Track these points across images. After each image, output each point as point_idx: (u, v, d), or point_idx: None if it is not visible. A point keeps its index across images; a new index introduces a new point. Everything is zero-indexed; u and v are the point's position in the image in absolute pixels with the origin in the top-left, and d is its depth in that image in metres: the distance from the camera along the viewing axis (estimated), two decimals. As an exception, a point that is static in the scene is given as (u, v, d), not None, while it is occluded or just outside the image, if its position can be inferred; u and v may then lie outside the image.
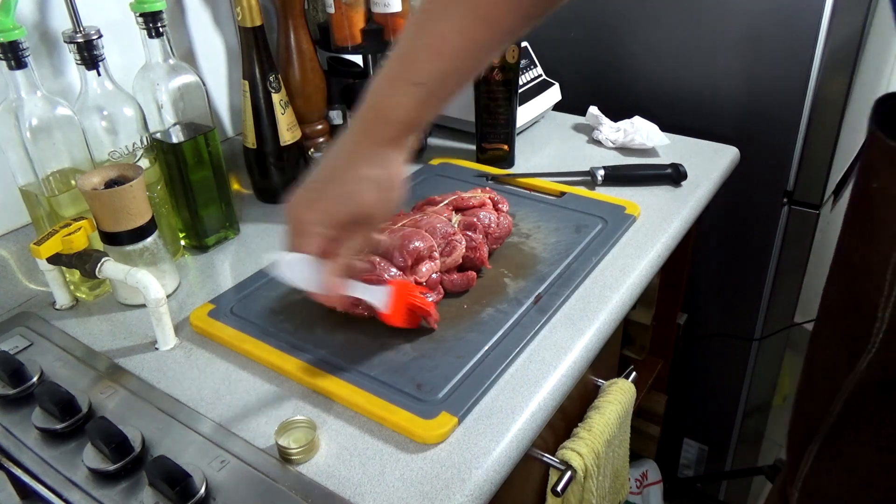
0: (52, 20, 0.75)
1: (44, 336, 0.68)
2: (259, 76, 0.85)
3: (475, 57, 0.53)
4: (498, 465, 0.53)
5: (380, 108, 0.53)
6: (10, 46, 0.63)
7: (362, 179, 0.53)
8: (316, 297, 0.60)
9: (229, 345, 0.66)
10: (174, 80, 0.75)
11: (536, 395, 0.59)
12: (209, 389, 0.61)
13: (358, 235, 0.56)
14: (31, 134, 0.67)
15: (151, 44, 0.73)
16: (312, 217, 0.54)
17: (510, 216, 0.79)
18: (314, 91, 0.94)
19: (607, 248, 0.78)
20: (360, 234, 0.56)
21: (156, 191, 0.77)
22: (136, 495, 0.50)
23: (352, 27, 0.92)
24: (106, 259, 0.66)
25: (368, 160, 0.53)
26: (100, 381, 0.62)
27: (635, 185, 0.92)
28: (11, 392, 0.60)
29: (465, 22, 0.50)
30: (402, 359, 0.62)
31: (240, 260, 0.81)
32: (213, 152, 0.79)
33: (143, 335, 0.68)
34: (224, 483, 0.51)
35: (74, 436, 0.56)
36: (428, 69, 0.51)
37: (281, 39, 0.92)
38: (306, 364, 0.61)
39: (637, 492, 1.25)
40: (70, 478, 0.52)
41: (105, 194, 0.66)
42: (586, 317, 0.68)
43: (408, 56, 0.52)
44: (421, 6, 0.52)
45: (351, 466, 0.53)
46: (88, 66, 0.69)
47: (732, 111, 1.07)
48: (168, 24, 0.73)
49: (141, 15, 0.71)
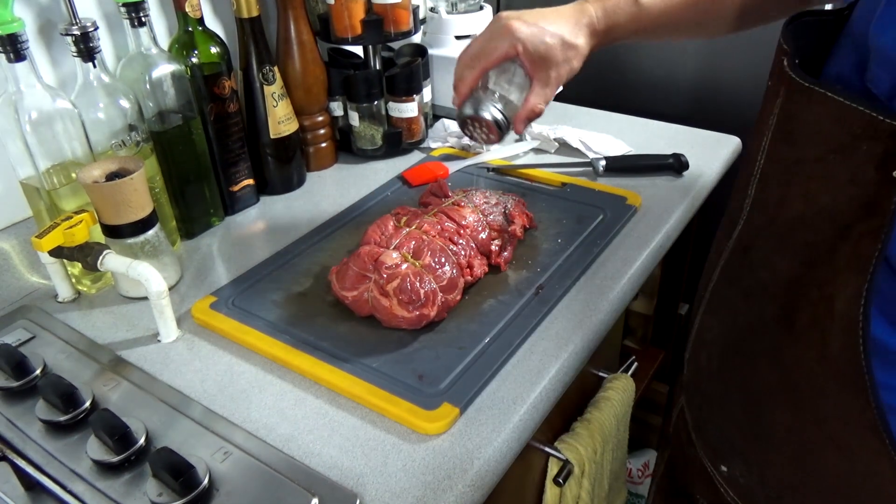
0: (50, 12, 0.75)
1: (46, 329, 0.68)
2: (255, 67, 0.85)
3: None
4: (499, 456, 0.54)
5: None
6: (8, 39, 0.63)
7: (551, 21, 0.65)
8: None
9: (231, 337, 0.66)
10: (158, 70, 0.75)
11: (538, 386, 0.59)
12: (212, 381, 0.61)
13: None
14: (31, 126, 0.66)
15: (135, 33, 0.73)
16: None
17: (528, 214, 0.79)
18: (314, 82, 0.94)
19: (608, 238, 0.77)
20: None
21: (155, 182, 0.77)
22: (139, 487, 0.51)
23: (352, 18, 0.91)
24: (107, 252, 0.66)
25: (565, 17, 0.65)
26: (103, 373, 0.62)
27: (637, 176, 0.92)
28: (15, 384, 0.60)
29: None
30: (403, 350, 0.62)
31: (231, 248, 0.81)
32: (196, 140, 0.80)
33: (146, 327, 0.68)
34: (227, 474, 0.51)
35: (78, 428, 0.56)
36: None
37: (280, 31, 0.91)
38: (308, 355, 0.62)
39: (639, 482, 1.26)
40: (74, 469, 0.52)
41: (106, 187, 0.66)
42: (587, 308, 0.68)
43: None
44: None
45: (353, 457, 0.53)
46: (85, 58, 0.69)
47: (734, 101, 1.07)
48: (161, 13, 0.73)
49: (124, 5, 0.71)
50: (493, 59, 0.66)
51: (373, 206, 0.87)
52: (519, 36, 0.64)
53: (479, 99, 0.67)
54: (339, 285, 0.67)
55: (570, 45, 0.65)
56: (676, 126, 1.04)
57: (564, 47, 0.65)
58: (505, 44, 0.65)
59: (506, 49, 0.65)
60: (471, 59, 0.67)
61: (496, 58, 0.66)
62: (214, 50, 0.81)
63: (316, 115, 0.97)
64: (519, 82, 0.68)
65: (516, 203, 0.78)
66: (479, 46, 0.67)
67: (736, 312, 0.50)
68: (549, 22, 0.65)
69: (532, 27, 0.64)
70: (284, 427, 0.56)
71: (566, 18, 0.66)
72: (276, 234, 0.83)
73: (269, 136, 0.89)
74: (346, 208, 0.87)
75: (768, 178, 0.45)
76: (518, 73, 0.68)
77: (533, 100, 0.66)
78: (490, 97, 0.67)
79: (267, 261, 0.76)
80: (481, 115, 0.66)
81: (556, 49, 0.65)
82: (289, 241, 0.80)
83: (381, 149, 1.01)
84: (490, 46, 0.66)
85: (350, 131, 1.01)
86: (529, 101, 0.66)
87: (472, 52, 0.67)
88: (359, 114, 0.98)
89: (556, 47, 0.65)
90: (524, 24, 0.64)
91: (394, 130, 1.00)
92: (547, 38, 0.64)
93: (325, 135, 0.99)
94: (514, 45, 0.65)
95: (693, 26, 0.69)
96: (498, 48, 0.65)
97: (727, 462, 0.55)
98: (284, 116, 0.89)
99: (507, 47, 0.65)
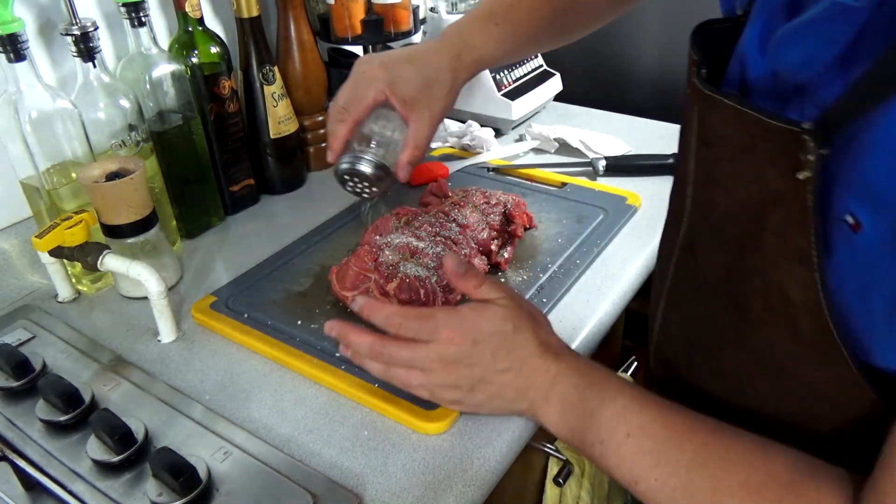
0: (50, 12, 0.75)
1: (46, 329, 0.68)
2: (255, 67, 0.85)
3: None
4: (499, 456, 0.54)
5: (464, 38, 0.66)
6: (8, 39, 0.63)
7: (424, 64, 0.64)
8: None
9: (231, 337, 0.66)
10: (158, 70, 0.75)
11: (538, 386, 0.59)
12: (212, 381, 0.61)
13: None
14: (31, 126, 0.66)
15: (136, 33, 0.73)
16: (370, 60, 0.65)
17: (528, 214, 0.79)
18: (314, 83, 0.94)
19: (609, 238, 0.77)
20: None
21: (155, 182, 0.77)
22: (139, 486, 0.51)
23: (352, 18, 0.92)
24: (107, 252, 0.66)
25: (436, 53, 0.64)
26: (103, 373, 0.62)
27: (636, 176, 0.92)
28: (15, 384, 0.60)
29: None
30: (403, 350, 0.62)
31: (231, 248, 0.81)
32: (196, 140, 0.80)
33: (146, 327, 0.68)
34: (227, 474, 0.51)
35: (78, 427, 0.56)
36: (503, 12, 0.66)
37: (281, 31, 0.91)
38: (308, 356, 0.62)
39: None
40: (74, 469, 0.52)
41: (106, 187, 0.66)
42: (588, 307, 0.68)
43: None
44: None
45: (354, 457, 0.53)
46: (85, 58, 0.69)
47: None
48: (161, 13, 0.73)
49: (124, 5, 0.71)
50: (363, 108, 0.63)
51: (372, 207, 0.87)
52: (384, 79, 0.62)
53: (355, 152, 0.63)
54: (339, 285, 0.67)
55: (437, 81, 0.63)
56: (676, 126, 1.04)
57: (432, 85, 0.63)
58: (371, 91, 0.62)
59: (373, 95, 0.62)
60: (339, 112, 0.63)
61: (365, 106, 0.63)
62: (214, 50, 0.81)
63: (316, 115, 0.97)
64: (396, 125, 0.64)
65: (516, 203, 0.78)
66: (347, 97, 0.63)
67: (692, 307, 0.51)
68: (414, 62, 0.63)
69: (396, 69, 0.62)
70: (284, 427, 0.56)
71: (431, 55, 0.64)
72: (276, 234, 0.83)
73: (269, 136, 0.89)
74: (345, 209, 0.87)
75: (698, 178, 0.47)
76: (393, 118, 0.64)
77: (412, 142, 0.63)
78: (366, 148, 0.63)
79: (267, 261, 0.76)
80: (358, 169, 0.62)
81: (424, 88, 0.63)
82: (289, 241, 0.80)
83: (381, 149, 1.01)
84: (357, 95, 0.63)
85: (350, 131, 1.01)
86: (409, 144, 0.63)
87: (340, 104, 0.63)
88: (359, 114, 0.98)
89: (424, 86, 0.63)
90: (387, 68, 0.62)
91: (394, 130, 1.00)
92: (413, 79, 0.62)
93: (325, 135, 0.99)
94: (380, 90, 0.62)
95: (571, 26, 0.72)
96: (366, 96, 0.62)
97: None
98: (284, 116, 0.89)
99: (375, 93, 0.62)
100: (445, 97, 0.64)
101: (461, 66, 0.65)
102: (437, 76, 0.63)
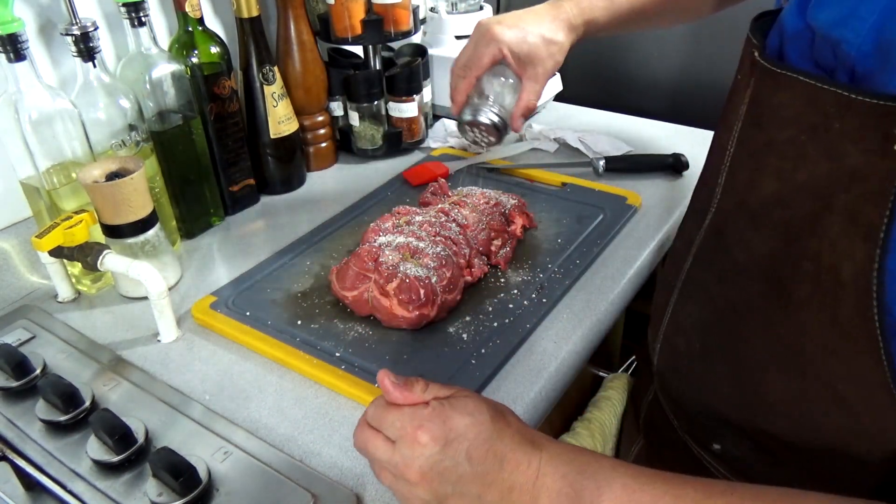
0: (50, 12, 0.75)
1: (46, 329, 0.68)
2: (255, 67, 0.85)
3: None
4: (500, 456, 0.53)
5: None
6: (8, 39, 0.63)
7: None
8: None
9: (231, 337, 0.66)
10: (158, 69, 0.75)
11: (538, 386, 0.59)
12: (212, 381, 0.61)
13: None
14: (31, 126, 0.66)
15: (136, 33, 0.73)
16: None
17: (528, 214, 0.80)
18: (314, 82, 0.94)
19: (609, 238, 0.77)
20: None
21: (155, 182, 0.77)
22: (139, 486, 0.51)
23: (352, 18, 0.91)
24: (107, 252, 0.66)
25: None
26: (103, 373, 0.62)
27: (636, 176, 0.92)
28: (15, 384, 0.60)
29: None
30: (403, 350, 0.62)
31: (231, 248, 0.81)
32: (196, 140, 0.80)
33: (146, 327, 0.68)
34: (227, 474, 0.51)
35: (78, 427, 0.56)
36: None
37: (281, 30, 0.91)
38: (308, 356, 0.62)
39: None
40: (74, 469, 0.52)
41: (106, 187, 0.66)
42: (588, 307, 0.68)
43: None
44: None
45: (354, 457, 0.53)
46: (85, 58, 0.69)
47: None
48: (161, 13, 0.73)
49: (124, 5, 0.71)
50: (482, 65, 0.71)
51: (373, 206, 0.87)
52: (502, 40, 0.69)
53: (476, 104, 0.71)
54: (339, 285, 0.67)
55: (551, 41, 0.70)
56: (676, 126, 1.04)
57: (546, 44, 0.69)
58: (491, 49, 0.69)
59: (492, 54, 0.69)
60: (461, 69, 0.72)
61: (485, 64, 0.71)
62: (214, 50, 0.81)
63: (316, 115, 0.97)
64: (510, 83, 0.72)
65: (516, 203, 0.78)
66: (468, 55, 0.72)
67: (713, 294, 0.52)
68: (528, 22, 0.70)
69: (513, 30, 0.69)
70: (284, 427, 0.56)
71: (543, 17, 0.70)
72: (276, 234, 0.83)
73: (269, 136, 0.89)
74: (346, 208, 0.87)
75: (737, 164, 0.47)
76: (508, 74, 0.71)
77: (525, 97, 0.71)
78: (485, 101, 0.71)
79: (267, 261, 0.76)
80: (479, 120, 0.70)
81: (538, 47, 0.69)
82: (289, 241, 0.80)
83: (381, 149, 1.01)
84: (477, 54, 0.70)
85: (350, 131, 1.01)
86: (522, 99, 0.71)
87: (461, 62, 0.72)
88: (359, 114, 0.98)
89: (539, 46, 0.69)
90: (506, 28, 0.69)
91: (394, 130, 1.00)
92: (529, 38, 0.69)
93: (325, 135, 0.99)
94: (499, 48, 0.69)
95: (677, 11, 0.74)
96: (485, 54, 0.70)
97: (719, 439, 0.55)
98: (284, 116, 0.89)
99: (494, 52, 0.69)
100: (555, 56, 0.71)
101: (571, 29, 0.71)
102: (550, 37, 0.70)
